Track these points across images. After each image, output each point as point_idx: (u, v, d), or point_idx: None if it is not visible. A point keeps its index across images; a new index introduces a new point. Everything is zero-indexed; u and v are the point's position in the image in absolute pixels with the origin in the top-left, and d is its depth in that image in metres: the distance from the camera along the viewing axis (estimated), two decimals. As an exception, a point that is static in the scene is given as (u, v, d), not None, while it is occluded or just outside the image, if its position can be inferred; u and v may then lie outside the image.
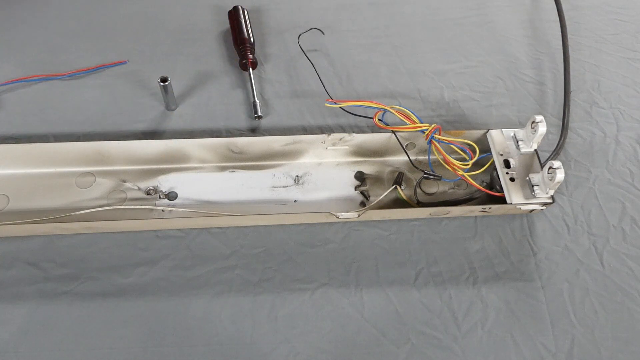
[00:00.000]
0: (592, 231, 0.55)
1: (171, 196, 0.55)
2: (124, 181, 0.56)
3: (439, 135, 0.54)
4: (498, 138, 0.57)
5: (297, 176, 0.57)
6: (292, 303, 0.50)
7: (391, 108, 0.54)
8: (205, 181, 0.57)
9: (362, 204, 0.56)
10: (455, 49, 0.72)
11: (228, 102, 0.64)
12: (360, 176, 0.58)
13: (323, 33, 0.71)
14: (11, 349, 0.46)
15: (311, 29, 0.70)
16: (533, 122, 0.54)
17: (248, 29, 0.69)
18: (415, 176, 0.58)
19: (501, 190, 0.53)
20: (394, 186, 0.56)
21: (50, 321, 0.48)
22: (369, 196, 0.56)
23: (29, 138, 0.60)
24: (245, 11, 0.71)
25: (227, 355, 0.47)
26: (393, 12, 0.76)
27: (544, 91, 0.67)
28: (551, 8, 0.76)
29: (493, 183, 0.56)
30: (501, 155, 0.56)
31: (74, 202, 0.54)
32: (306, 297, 0.50)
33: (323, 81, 0.64)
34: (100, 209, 0.52)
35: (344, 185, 0.57)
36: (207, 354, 0.47)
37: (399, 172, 0.57)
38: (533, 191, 0.52)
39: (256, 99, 0.63)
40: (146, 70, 0.67)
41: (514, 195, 0.53)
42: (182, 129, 0.61)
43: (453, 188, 0.57)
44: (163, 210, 0.54)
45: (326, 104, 0.59)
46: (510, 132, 0.57)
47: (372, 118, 0.55)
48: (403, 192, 0.56)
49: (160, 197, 0.55)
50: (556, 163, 0.50)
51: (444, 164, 0.54)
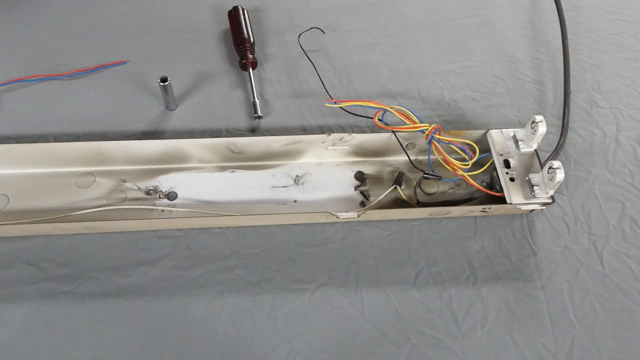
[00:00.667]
0: (592, 231, 0.55)
1: (171, 196, 0.55)
2: (124, 181, 0.56)
3: (439, 135, 0.54)
4: (498, 138, 0.57)
5: (297, 176, 0.57)
6: (292, 303, 0.50)
7: (391, 108, 0.54)
8: (205, 181, 0.57)
9: (362, 204, 0.56)
10: (455, 49, 0.72)
11: (228, 102, 0.64)
12: (360, 176, 0.58)
13: (323, 32, 0.71)
14: (11, 349, 0.46)
15: (311, 29, 0.70)
16: (533, 122, 0.54)
17: (248, 29, 0.69)
18: (415, 176, 0.58)
19: (501, 190, 0.53)
20: (394, 186, 0.56)
21: (50, 321, 0.48)
22: (369, 196, 0.56)
23: (29, 138, 0.60)
24: (245, 11, 0.71)
25: (227, 355, 0.47)
26: (393, 12, 0.76)
27: (544, 91, 0.67)
28: (551, 8, 0.76)
29: (493, 183, 0.56)
30: (501, 155, 0.56)
31: (74, 202, 0.54)
32: (306, 297, 0.50)
33: (323, 81, 0.64)
34: (100, 209, 0.52)
35: (344, 185, 0.57)
36: (207, 354, 0.47)
37: (399, 172, 0.57)
38: (533, 191, 0.52)
39: (256, 99, 0.63)
40: (146, 70, 0.67)
41: (514, 195, 0.53)
42: (182, 129, 0.61)
43: (453, 188, 0.58)
44: (163, 210, 0.54)
45: (326, 104, 0.59)
46: (510, 132, 0.57)
47: (372, 118, 0.55)
48: (403, 192, 0.56)
49: (160, 197, 0.55)
50: (556, 163, 0.50)
51: (444, 164, 0.54)
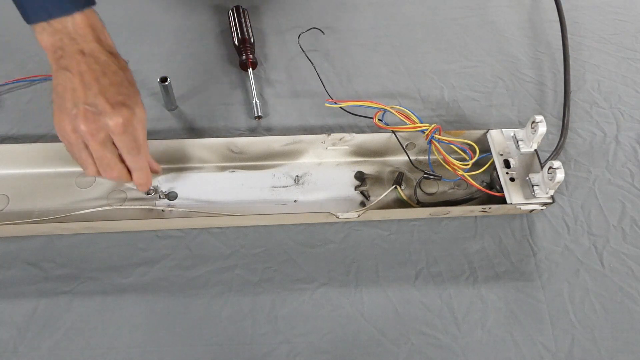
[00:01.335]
0: (592, 231, 0.55)
1: (171, 196, 0.55)
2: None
3: (439, 135, 0.54)
4: (498, 138, 0.57)
5: (297, 176, 0.57)
6: (292, 303, 0.50)
7: (391, 108, 0.54)
8: (205, 181, 0.57)
9: (362, 204, 0.56)
10: (455, 49, 0.72)
11: (228, 102, 0.64)
12: (360, 176, 0.58)
13: (323, 33, 0.71)
14: (11, 349, 0.46)
15: (311, 29, 0.70)
16: (533, 122, 0.54)
17: (248, 29, 0.69)
18: (415, 176, 0.58)
19: (501, 190, 0.53)
20: (394, 186, 0.56)
21: (50, 321, 0.48)
22: (369, 196, 0.56)
23: (29, 138, 0.59)
24: (245, 11, 0.71)
25: (227, 355, 0.47)
26: (393, 12, 0.76)
27: (544, 91, 0.67)
28: (551, 8, 0.76)
29: (493, 183, 0.56)
30: (501, 155, 0.56)
31: (74, 202, 0.54)
32: (306, 297, 0.50)
33: (323, 81, 0.64)
34: (100, 209, 0.52)
35: (344, 185, 0.57)
36: (207, 354, 0.47)
37: (399, 172, 0.57)
38: (533, 191, 0.52)
39: (256, 99, 0.63)
40: (146, 70, 0.67)
41: (514, 195, 0.53)
42: (182, 129, 0.61)
43: (453, 188, 0.57)
44: (163, 210, 0.54)
45: (326, 104, 0.59)
46: (510, 132, 0.57)
47: (372, 118, 0.55)
48: (403, 192, 0.56)
49: (160, 197, 0.55)
50: (556, 163, 0.50)
51: (444, 164, 0.54)
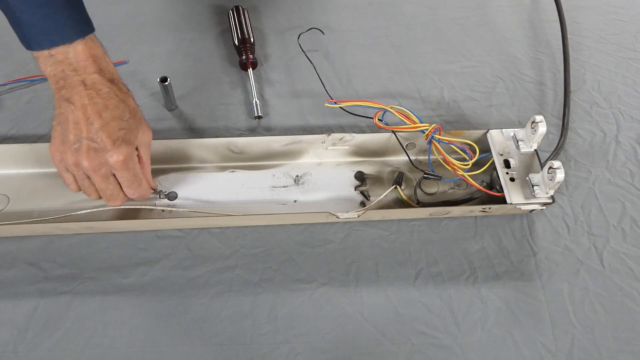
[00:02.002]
0: (592, 231, 0.55)
1: (171, 196, 0.55)
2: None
3: (439, 135, 0.54)
4: (498, 138, 0.57)
5: (297, 176, 0.57)
6: (292, 303, 0.50)
7: (391, 108, 0.54)
8: (205, 181, 0.57)
9: (362, 204, 0.56)
10: (455, 49, 0.72)
11: (228, 102, 0.64)
12: (360, 176, 0.58)
13: (323, 33, 0.71)
14: (11, 349, 0.46)
15: (311, 29, 0.70)
16: (533, 122, 0.54)
17: (248, 29, 0.69)
18: (415, 176, 0.58)
19: (501, 190, 0.53)
20: (394, 186, 0.56)
21: (50, 321, 0.48)
22: (369, 196, 0.56)
23: (29, 138, 0.60)
24: (245, 11, 0.71)
25: (227, 355, 0.47)
26: (393, 12, 0.76)
27: (544, 91, 0.67)
28: (551, 8, 0.76)
29: (493, 183, 0.56)
30: (501, 155, 0.56)
31: (74, 202, 0.54)
32: (306, 297, 0.50)
33: (323, 81, 0.64)
34: (100, 209, 0.52)
35: (344, 185, 0.57)
36: (207, 354, 0.47)
37: (399, 172, 0.57)
38: (533, 191, 0.52)
39: (256, 99, 0.63)
40: (146, 70, 0.67)
41: (514, 195, 0.53)
42: (182, 129, 0.61)
43: (453, 188, 0.57)
44: (163, 210, 0.54)
45: (326, 104, 0.58)
46: (510, 132, 0.57)
47: (372, 118, 0.55)
48: (403, 192, 0.56)
49: (160, 197, 0.55)
50: (556, 163, 0.50)
51: (444, 164, 0.54)
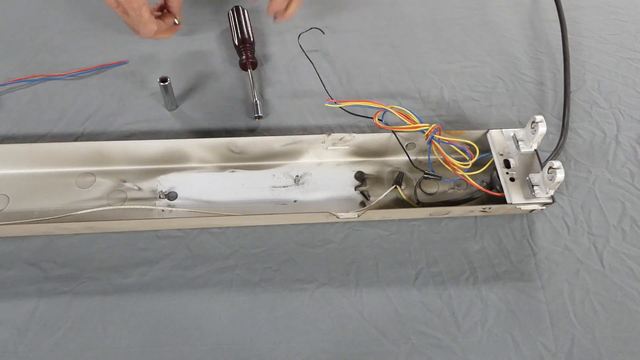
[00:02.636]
0: (592, 231, 0.55)
1: (171, 196, 0.55)
2: (124, 181, 0.56)
3: (439, 135, 0.54)
4: (498, 138, 0.57)
5: (297, 176, 0.57)
6: (292, 303, 0.50)
7: (391, 108, 0.54)
8: (205, 181, 0.57)
9: (362, 204, 0.56)
10: (455, 49, 0.72)
11: (228, 102, 0.64)
12: (360, 176, 0.58)
13: (323, 33, 0.71)
14: (11, 349, 0.46)
15: (311, 29, 0.70)
16: (533, 122, 0.54)
17: (248, 29, 0.69)
18: (415, 176, 0.58)
19: (501, 190, 0.53)
20: (394, 186, 0.56)
21: (50, 321, 0.48)
22: (369, 196, 0.56)
23: (29, 138, 0.60)
24: (245, 11, 0.71)
25: (227, 355, 0.47)
26: (393, 12, 0.76)
27: (544, 91, 0.67)
28: (551, 8, 0.76)
29: (493, 183, 0.56)
30: (501, 155, 0.56)
31: (74, 202, 0.54)
32: (306, 297, 0.50)
33: (323, 81, 0.64)
34: (100, 209, 0.52)
35: (344, 185, 0.57)
36: (207, 354, 0.47)
37: (399, 172, 0.57)
38: (533, 191, 0.52)
39: (256, 99, 0.63)
40: (146, 70, 0.67)
41: (514, 195, 0.53)
42: (182, 129, 0.61)
43: (453, 188, 0.57)
44: (163, 210, 0.54)
45: (326, 104, 0.58)
46: (510, 132, 0.57)
47: (372, 118, 0.55)
48: (403, 192, 0.56)
49: (160, 197, 0.55)
50: (556, 163, 0.50)
51: (444, 164, 0.54)
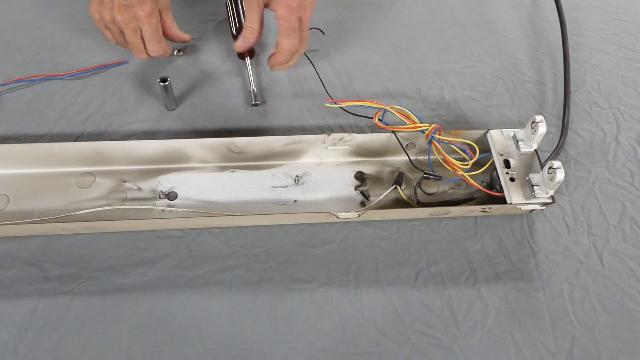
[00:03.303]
0: (592, 231, 0.55)
1: (171, 196, 0.55)
2: (124, 181, 0.56)
3: (439, 135, 0.54)
4: (498, 138, 0.57)
5: (297, 176, 0.57)
6: (292, 303, 0.50)
7: (391, 108, 0.54)
8: (205, 181, 0.57)
9: (362, 204, 0.56)
10: (455, 49, 0.72)
11: (228, 103, 0.64)
12: (360, 176, 0.58)
13: (323, 33, 0.71)
14: (11, 349, 0.46)
15: (311, 29, 0.70)
16: (533, 122, 0.54)
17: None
18: (415, 176, 0.58)
19: (501, 190, 0.53)
20: (394, 186, 0.56)
21: (50, 321, 0.48)
22: (369, 196, 0.56)
23: (29, 138, 0.60)
24: (243, 2, 0.71)
25: (227, 355, 0.47)
26: (393, 12, 0.76)
27: (544, 91, 0.67)
28: (551, 8, 0.76)
29: (493, 183, 0.56)
30: (501, 155, 0.56)
31: (74, 202, 0.54)
32: (306, 297, 0.50)
33: (323, 81, 0.64)
34: (100, 209, 0.52)
35: (344, 185, 0.57)
36: (207, 354, 0.47)
37: (399, 172, 0.57)
38: (533, 191, 0.52)
39: (254, 87, 0.63)
40: (146, 70, 0.67)
41: (514, 195, 0.53)
42: (182, 129, 0.61)
43: (453, 188, 0.57)
44: (163, 210, 0.54)
45: (326, 104, 0.58)
46: (510, 132, 0.57)
47: (372, 118, 0.55)
48: (403, 192, 0.56)
49: (160, 197, 0.55)
50: (556, 163, 0.50)
51: (444, 164, 0.54)
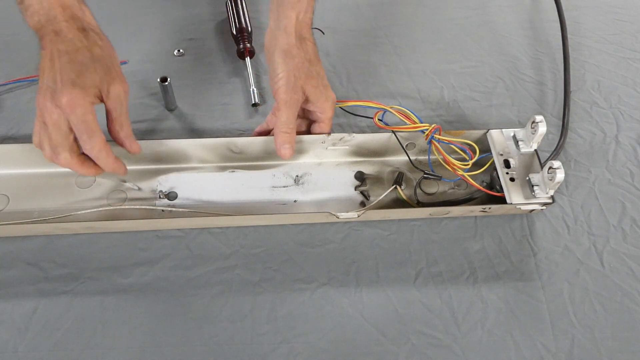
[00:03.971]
0: (592, 231, 0.55)
1: (171, 196, 0.55)
2: (124, 181, 0.56)
3: (439, 135, 0.54)
4: (498, 138, 0.57)
5: (297, 176, 0.57)
6: (292, 303, 0.50)
7: (391, 108, 0.54)
8: (205, 181, 0.57)
9: (362, 204, 0.56)
10: (455, 49, 0.72)
11: (228, 102, 0.64)
12: (360, 176, 0.58)
13: (323, 33, 0.71)
14: (11, 349, 0.46)
15: (312, 29, 0.70)
16: (533, 122, 0.54)
17: (245, 18, 0.69)
18: (415, 176, 0.58)
19: (501, 190, 0.53)
20: (394, 186, 0.56)
21: (50, 321, 0.48)
22: (369, 196, 0.56)
23: (29, 138, 0.59)
24: (242, 1, 0.71)
25: (227, 355, 0.47)
26: (393, 12, 0.76)
27: (544, 91, 0.67)
28: (551, 8, 0.76)
29: (493, 183, 0.56)
30: (501, 155, 0.56)
31: (74, 202, 0.54)
32: (306, 297, 0.50)
33: (323, 81, 0.64)
34: (100, 209, 0.52)
35: (344, 185, 0.57)
36: (207, 354, 0.47)
37: (399, 172, 0.57)
38: (533, 191, 0.52)
39: (254, 87, 0.63)
40: (146, 70, 0.67)
41: (514, 195, 0.53)
42: (182, 129, 0.61)
43: (453, 188, 0.57)
44: (163, 210, 0.54)
45: (326, 104, 0.58)
46: (510, 132, 0.57)
47: (372, 118, 0.55)
48: (403, 192, 0.56)
49: (160, 197, 0.55)
50: (556, 163, 0.50)
51: (444, 164, 0.54)
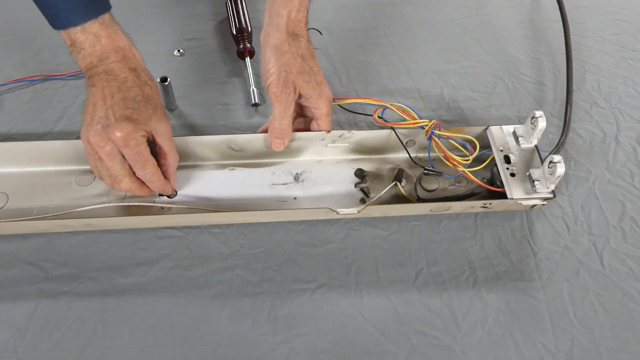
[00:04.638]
0: (592, 231, 0.55)
1: (171, 194, 0.55)
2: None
3: (439, 131, 0.54)
4: (498, 134, 0.57)
5: (297, 174, 0.57)
6: (292, 303, 0.50)
7: (391, 105, 0.54)
8: (205, 179, 0.57)
9: (362, 201, 0.56)
10: (455, 49, 0.72)
11: (228, 102, 0.64)
12: (360, 173, 0.58)
13: (321, 33, 0.71)
14: (11, 349, 0.46)
15: (310, 29, 0.70)
16: (533, 118, 0.54)
17: (245, 18, 0.69)
18: (415, 173, 0.58)
19: (502, 185, 0.53)
20: (394, 182, 0.56)
21: (50, 321, 0.48)
22: (369, 193, 0.56)
23: (29, 138, 0.59)
24: (242, 1, 0.71)
25: (227, 355, 0.47)
26: (393, 12, 0.76)
27: (544, 91, 0.67)
28: (551, 8, 0.76)
29: (494, 179, 0.56)
30: (501, 151, 0.56)
31: (74, 200, 0.54)
32: (306, 297, 0.50)
33: (323, 81, 0.64)
34: (99, 206, 0.52)
35: (344, 182, 0.57)
36: (207, 354, 0.47)
37: (399, 169, 0.57)
38: (534, 186, 0.52)
39: (254, 87, 0.63)
40: (146, 70, 0.67)
41: (515, 190, 0.53)
42: (182, 129, 0.61)
43: (453, 184, 0.57)
44: (162, 207, 0.54)
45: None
46: (510, 129, 0.57)
47: (372, 115, 0.55)
48: (403, 189, 0.56)
49: (159, 195, 0.55)
50: (556, 157, 0.50)
51: (444, 160, 0.53)
